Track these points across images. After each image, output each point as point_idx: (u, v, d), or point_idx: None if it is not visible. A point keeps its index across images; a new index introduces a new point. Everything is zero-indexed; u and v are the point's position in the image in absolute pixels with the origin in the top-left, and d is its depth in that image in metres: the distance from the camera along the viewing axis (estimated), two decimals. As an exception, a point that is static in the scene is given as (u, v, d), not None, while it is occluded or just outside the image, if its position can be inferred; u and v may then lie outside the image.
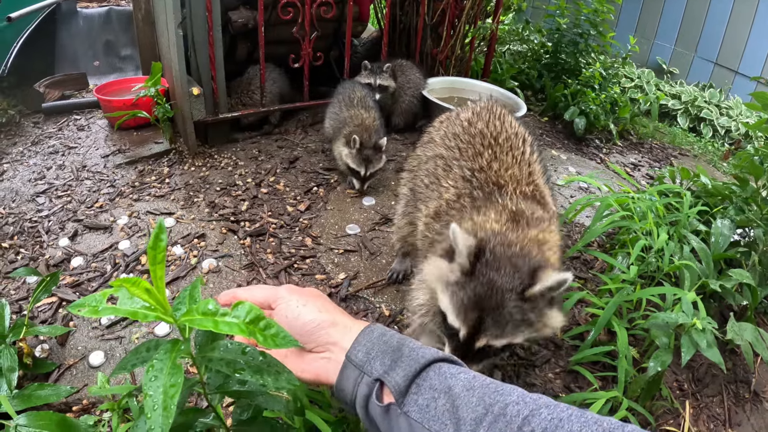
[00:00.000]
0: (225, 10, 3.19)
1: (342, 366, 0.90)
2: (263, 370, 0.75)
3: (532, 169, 1.69)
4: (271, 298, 1.02)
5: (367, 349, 0.89)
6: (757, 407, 2.05)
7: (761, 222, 2.24)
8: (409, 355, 0.87)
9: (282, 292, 1.02)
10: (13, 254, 2.37)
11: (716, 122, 5.07)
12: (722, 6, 5.62)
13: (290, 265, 2.39)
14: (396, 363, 0.86)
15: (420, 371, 0.85)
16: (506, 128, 1.80)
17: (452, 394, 0.81)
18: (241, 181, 2.99)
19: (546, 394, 1.87)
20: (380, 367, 0.86)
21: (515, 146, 1.73)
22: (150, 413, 0.65)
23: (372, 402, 0.85)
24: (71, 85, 4.09)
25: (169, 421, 0.64)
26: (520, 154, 1.71)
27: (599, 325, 1.86)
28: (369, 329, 0.93)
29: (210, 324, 0.70)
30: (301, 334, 0.94)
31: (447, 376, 0.84)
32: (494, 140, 1.74)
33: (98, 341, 1.96)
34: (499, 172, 1.64)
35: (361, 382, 0.87)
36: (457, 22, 3.97)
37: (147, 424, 0.63)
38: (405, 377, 0.84)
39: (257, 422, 0.92)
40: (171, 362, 0.70)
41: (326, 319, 0.95)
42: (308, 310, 0.96)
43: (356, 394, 0.87)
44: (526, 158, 1.71)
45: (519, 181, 1.62)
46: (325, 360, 0.93)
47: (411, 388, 0.84)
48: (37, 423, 1.11)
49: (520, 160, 1.69)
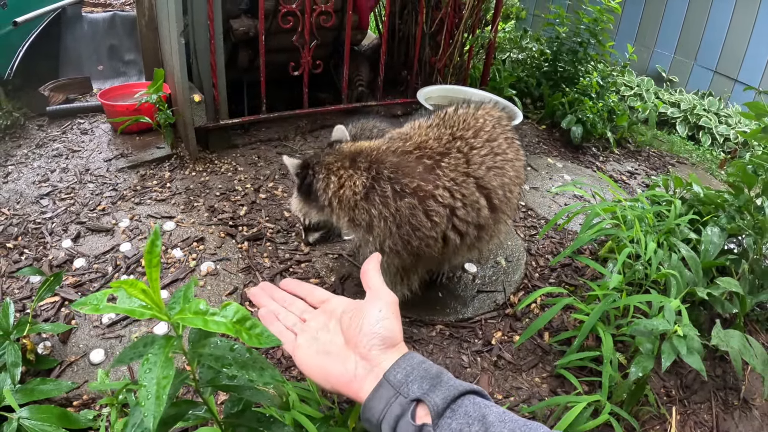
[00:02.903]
0: (226, 18, 3.24)
1: (377, 384, 0.92)
2: (249, 366, 0.81)
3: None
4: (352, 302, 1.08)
5: (407, 373, 0.91)
6: (746, 414, 2.07)
7: (752, 230, 2.26)
8: (447, 382, 0.90)
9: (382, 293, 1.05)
10: (18, 254, 2.42)
11: (715, 130, 5.10)
12: (722, 15, 5.66)
13: (286, 269, 2.45)
14: (434, 387, 0.89)
15: (456, 398, 0.88)
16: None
17: (486, 422, 0.84)
18: (240, 186, 3.04)
19: (532, 398, 1.94)
20: (418, 390, 0.89)
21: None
22: (144, 402, 0.71)
23: (405, 421, 0.87)
24: (75, 88, 4.15)
25: (161, 409, 0.70)
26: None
27: (584, 331, 1.90)
28: (410, 355, 0.96)
29: (200, 322, 0.76)
30: (367, 334, 0.96)
31: (481, 406, 0.87)
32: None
33: (99, 339, 2.01)
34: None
35: (394, 402, 0.89)
36: (455, 31, 4.02)
37: (141, 411, 0.69)
38: (444, 399, 0.87)
39: (246, 415, 0.97)
40: (164, 356, 0.75)
41: (398, 338, 0.99)
42: (392, 323, 0.98)
43: (386, 414, 0.89)
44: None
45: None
46: (365, 371, 0.95)
47: (446, 412, 0.86)
48: (38, 416, 1.17)
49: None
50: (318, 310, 1.10)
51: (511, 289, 2.48)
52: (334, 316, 1.05)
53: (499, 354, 2.14)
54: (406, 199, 1.74)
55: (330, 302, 1.10)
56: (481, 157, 1.84)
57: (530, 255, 2.75)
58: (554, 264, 2.68)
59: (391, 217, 1.75)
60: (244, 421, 0.97)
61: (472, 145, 1.85)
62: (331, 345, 1.00)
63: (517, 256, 2.69)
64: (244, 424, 0.96)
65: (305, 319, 1.08)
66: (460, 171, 1.81)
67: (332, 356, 0.98)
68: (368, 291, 1.05)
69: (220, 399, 1.77)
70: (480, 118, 1.94)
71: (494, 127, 1.94)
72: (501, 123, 2.00)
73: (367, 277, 1.07)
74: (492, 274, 2.55)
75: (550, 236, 2.94)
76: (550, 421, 1.83)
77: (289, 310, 1.10)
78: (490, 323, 2.30)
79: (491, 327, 2.28)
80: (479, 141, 1.86)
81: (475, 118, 1.93)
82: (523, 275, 2.59)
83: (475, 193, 1.83)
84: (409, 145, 1.83)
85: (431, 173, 1.77)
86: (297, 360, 1.01)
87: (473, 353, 2.13)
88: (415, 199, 1.74)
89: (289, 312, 1.10)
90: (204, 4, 2.91)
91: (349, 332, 0.99)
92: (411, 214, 1.75)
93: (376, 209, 1.75)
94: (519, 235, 2.88)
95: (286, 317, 1.09)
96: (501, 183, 1.88)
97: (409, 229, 1.77)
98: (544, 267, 2.69)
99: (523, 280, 2.56)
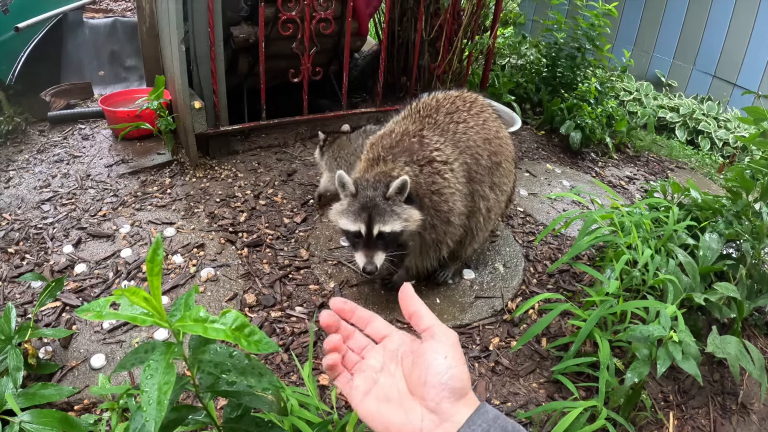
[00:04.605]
0: (227, 25, 3.27)
1: None
2: (247, 372, 0.83)
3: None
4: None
5: (483, 430, 0.84)
6: (743, 419, 2.08)
7: (750, 236, 2.27)
8: None
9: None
10: (19, 259, 2.44)
11: (714, 135, 5.11)
12: (721, 19, 5.68)
13: (285, 275, 2.47)
14: None
15: None
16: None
17: None
18: (240, 192, 3.06)
19: (530, 404, 1.95)
20: None
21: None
22: (146, 407, 0.73)
23: None
24: (77, 94, 4.17)
25: (162, 414, 0.72)
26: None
27: (581, 336, 1.91)
28: (484, 409, 0.87)
29: (200, 329, 0.78)
30: (435, 386, 0.86)
31: None
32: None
33: (99, 345, 2.03)
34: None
35: None
36: (454, 37, 4.04)
37: (143, 416, 0.71)
38: None
39: (244, 420, 0.99)
40: (165, 362, 0.77)
41: (467, 387, 0.89)
42: (461, 371, 0.88)
43: None
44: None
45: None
46: (433, 424, 0.86)
47: None
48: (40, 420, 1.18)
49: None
50: (378, 346, 0.98)
51: (509, 295, 2.49)
52: (395, 358, 0.94)
53: (497, 360, 2.16)
54: (425, 169, 2.13)
55: (390, 340, 0.98)
56: (446, 124, 2.28)
57: (528, 261, 2.76)
58: (552, 270, 2.69)
59: (423, 190, 2.12)
60: (242, 426, 0.98)
61: (436, 119, 2.29)
62: (392, 390, 0.90)
63: (515, 262, 2.71)
64: (243, 428, 0.98)
65: (364, 357, 0.97)
66: (438, 135, 2.23)
67: (393, 404, 0.89)
68: (423, 332, 0.92)
69: (220, 404, 1.79)
70: (440, 99, 2.39)
71: (453, 102, 2.37)
72: (463, 99, 2.41)
73: (417, 318, 0.94)
74: (490, 280, 2.57)
75: (549, 242, 2.95)
76: (546, 426, 1.84)
77: (347, 345, 0.98)
78: (488, 329, 2.31)
79: (489, 333, 2.29)
80: (441, 115, 2.30)
81: (436, 100, 2.38)
82: (521, 281, 2.60)
83: (456, 151, 2.22)
84: (396, 136, 2.22)
85: (422, 144, 2.18)
86: (353, 403, 0.92)
87: (471, 359, 2.15)
88: (428, 166, 2.14)
89: (347, 348, 0.98)
90: (204, 11, 2.93)
91: (412, 380, 0.89)
92: (431, 182, 2.13)
93: (418, 189, 2.11)
94: (517, 242, 2.90)
95: (347, 354, 0.97)
96: (467, 145, 2.26)
97: (437, 198, 2.14)
98: (542, 273, 2.70)
99: (521, 286, 2.58)
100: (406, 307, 0.95)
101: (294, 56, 3.35)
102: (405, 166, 2.11)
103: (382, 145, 2.20)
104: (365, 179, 2.05)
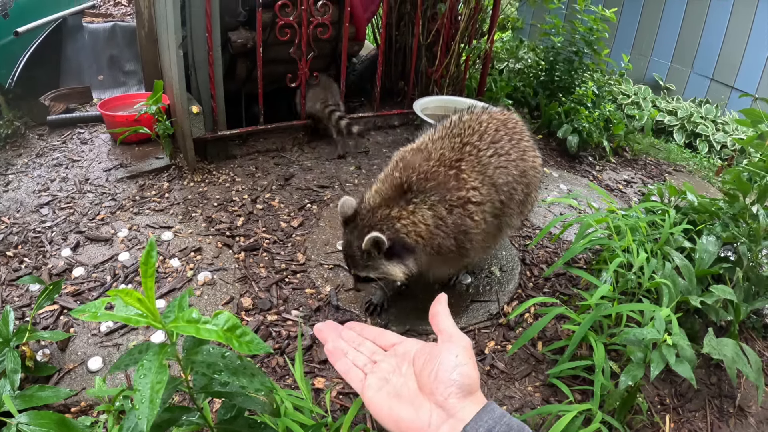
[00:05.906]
0: (225, 30, 3.29)
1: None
2: (239, 372, 0.84)
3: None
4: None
5: (489, 427, 0.86)
6: (741, 422, 2.08)
7: (747, 238, 2.27)
8: None
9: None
10: (17, 263, 2.45)
11: (712, 138, 5.13)
12: (718, 22, 5.71)
13: (281, 279, 2.47)
14: None
15: None
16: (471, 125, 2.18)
17: None
18: (237, 197, 3.07)
19: (524, 407, 1.96)
20: None
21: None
22: (139, 405, 0.74)
23: None
24: (76, 98, 4.19)
25: (155, 412, 0.73)
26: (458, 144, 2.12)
27: (575, 340, 1.92)
28: (490, 407, 0.90)
29: (193, 330, 0.79)
30: (444, 382, 0.91)
31: None
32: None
33: (97, 348, 2.04)
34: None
35: None
36: (452, 42, 4.05)
37: (136, 414, 0.72)
38: None
39: (238, 421, 1.00)
40: (158, 363, 0.78)
41: (475, 385, 0.93)
42: (469, 370, 0.93)
43: None
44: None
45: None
46: (440, 420, 0.89)
47: None
48: (37, 422, 1.19)
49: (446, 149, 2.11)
50: (389, 352, 1.05)
51: (505, 298, 2.50)
52: (407, 359, 1.00)
53: (492, 363, 2.16)
54: (455, 210, 1.98)
55: (402, 345, 1.05)
56: (488, 158, 2.08)
57: (524, 265, 2.77)
58: (549, 274, 2.69)
59: (450, 230, 1.98)
60: (236, 427, 0.99)
61: (479, 148, 2.09)
62: (403, 388, 0.95)
63: (511, 266, 2.71)
64: (236, 430, 0.98)
65: (376, 360, 1.03)
66: (477, 172, 2.05)
67: (404, 401, 0.94)
68: (440, 334, 0.99)
69: (215, 406, 1.79)
70: (483, 122, 2.17)
71: (497, 130, 2.16)
72: (506, 125, 2.22)
73: (438, 320, 1.02)
74: (486, 283, 2.57)
75: (545, 246, 2.96)
76: (542, 430, 1.84)
77: (359, 350, 1.06)
78: (484, 332, 2.32)
79: (485, 336, 2.30)
80: (484, 144, 2.10)
81: (479, 123, 2.17)
82: (518, 285, 2.61)
83: (491, 190, 2.07)
84: (433, 164, 2.02)
85: (458, 180, 2.00)
86: (366, 400, 0.97)
87: (467, 362, 2.14)
88: (460, 208, 1.99)
89: (358, 352, 1.06)
90: (202, 16, 2.95)
91: (423, 377, 0.94)
92: (460, 223, 1.99)
93: (441, 230, 1.97)
94: (514, 245, 2.91)
95: (356, 357, 1.05)
96: (505, 181, 2.11)
97: (462, 237, 2.02)
98: (538, 277, 2.71)
99: (517, 289, 2.58)
100: (435, 311, 1.03)
101: (292, 61, 3.37)
102: (433, 207, 1.96)
103: (413, 167, 2.02)
104: (362, 214, 1.96)
